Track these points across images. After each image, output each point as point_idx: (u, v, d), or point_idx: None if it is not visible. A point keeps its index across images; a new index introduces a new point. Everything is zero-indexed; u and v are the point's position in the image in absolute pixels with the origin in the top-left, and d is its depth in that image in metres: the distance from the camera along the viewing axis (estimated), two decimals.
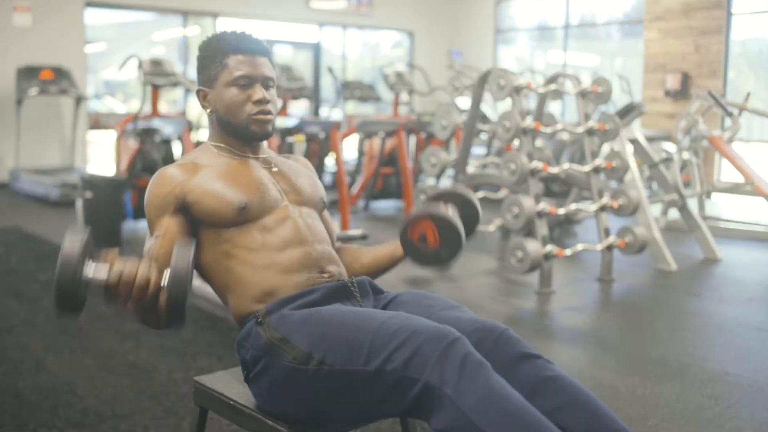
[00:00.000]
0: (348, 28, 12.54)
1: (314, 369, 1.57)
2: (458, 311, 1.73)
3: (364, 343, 1.54)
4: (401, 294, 1.84)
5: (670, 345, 3.69)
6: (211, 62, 1.84)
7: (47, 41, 9.32)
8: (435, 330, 1.51)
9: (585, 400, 1.55)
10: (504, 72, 4.72)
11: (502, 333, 1.63)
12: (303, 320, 1.64)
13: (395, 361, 1.49)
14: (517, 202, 4.46)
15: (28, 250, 5.56)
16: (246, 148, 1.89)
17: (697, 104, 7.08)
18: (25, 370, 3.12)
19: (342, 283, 1.79)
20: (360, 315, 1.62)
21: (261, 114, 1.83)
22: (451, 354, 1.46)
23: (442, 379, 1.44)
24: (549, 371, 1.59)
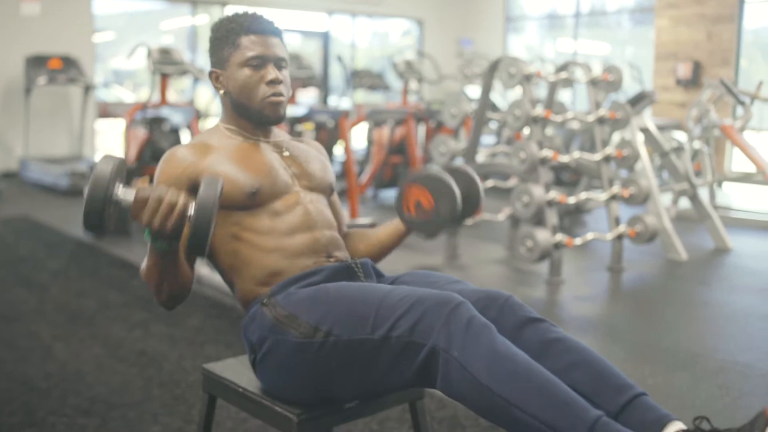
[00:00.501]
0: (357, 16, 12.50)
1: (321, 341, 1.58)
2: (461, 284, 1.75)
3: (369, 313, 1.55)
4: (404, 275, 1.85)
5: (680, 334, 3.67)
6: (223, 43, 1.83)
7: (55, 30, 9.31)
8: (439, 296, 1.52)
9: (591, 359, 1.57)
10: (514, 60, 4.69)
11: (506, 300, 1.65)
12: (309, 296, 1.65)
13: (401, 328, 1.51)
14: (527, 191, 4.44)
15: (37, 238, 5.57)
16: (258, 130, 1.87)
17: (709, 93, 7.02)
18: (35, 358, 3.12)
19: (346, 264, 1.80)
20: (365, 288, 1.64)
21: (274, 96, 1.81)
22: (455, 318, 1.48)
23: (448, 343, 1.46)
24: (553, 333, 1.61)
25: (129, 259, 4.86)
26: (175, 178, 1.74)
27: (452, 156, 5.08)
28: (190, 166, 1.75)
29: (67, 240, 5.51)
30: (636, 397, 1.52)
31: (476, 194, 2.00)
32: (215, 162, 1.76)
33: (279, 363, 1.64)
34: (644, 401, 1.52)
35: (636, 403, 1.51)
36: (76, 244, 5.37)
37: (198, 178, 1.73)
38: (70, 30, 9.48)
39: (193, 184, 1.73)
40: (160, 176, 1.76)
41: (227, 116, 1.88)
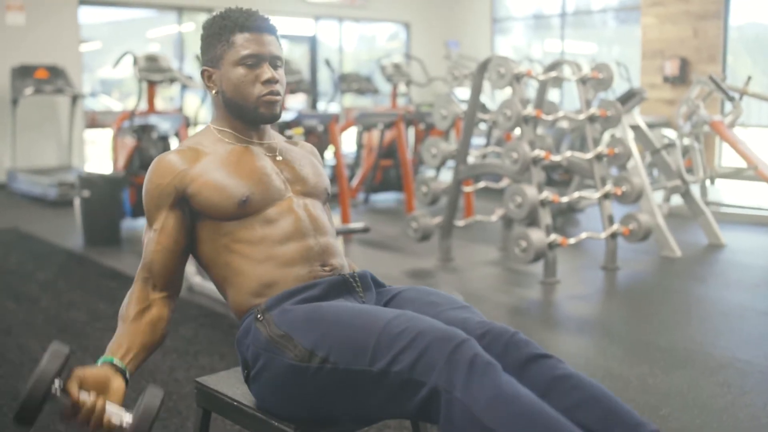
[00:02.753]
0: (344, 20, 12.47)
1: (317, 367, 1.52)
2: (466, 311, 1.66)
3: (369, 343, 1.48)
4: (405, 290, 1.78)
5: (677, 332, 3.64)
6: (216, 41, 1.77)
7: (42, 40, 9.25)
8: (442, 332, 1.45)
9: (600, 396, 1.49)
10: (504, 60, 4.66)
11: (512, 336, 1.57)
12: (305, 316, 1.58)
13: (401, 363, 1.44)
14: (520, 192, 4.41)
15: (26, 250, 5.51)
16: (251, 132, 1.81)
17: (698, 89, 7.01)
18: (25, 372, 3.07)
19: (343, 278, 1.73)
20: (364, 313, 1.56)
21: (270, 95, 1.75)
22: (458, 356, 1.40)
23: (451, 383, 1.38)
24: (561, 370, 1.52)
25: (119, 269, 4.81)
26: (163, 188, 1.69)
27: (444, 157, 5.05)
28: (179, 175, 1.69)
29: (56, 251, 5.45)
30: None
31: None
32: (205, 169, 1.71)
33: (273, 381, 1.58)
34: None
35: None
36: (65, 255, 5.31)
37: (186, 188, 1.69)
38: (57, 40, 9.42)
39: (180, 196, 1.69)
40: (148, 185, 1.71)
41: (219, 117, 1.82)
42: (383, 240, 5.73)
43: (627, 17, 11.87)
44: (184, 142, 1.81)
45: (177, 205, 1.70)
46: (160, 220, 1.69)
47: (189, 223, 1.72)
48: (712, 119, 6.77)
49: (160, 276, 1.71)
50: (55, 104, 9.42)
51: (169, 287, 1.73)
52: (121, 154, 6.54)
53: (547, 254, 4.46)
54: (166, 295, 1.73)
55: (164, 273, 1.71)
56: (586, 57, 12.35)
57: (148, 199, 1.71)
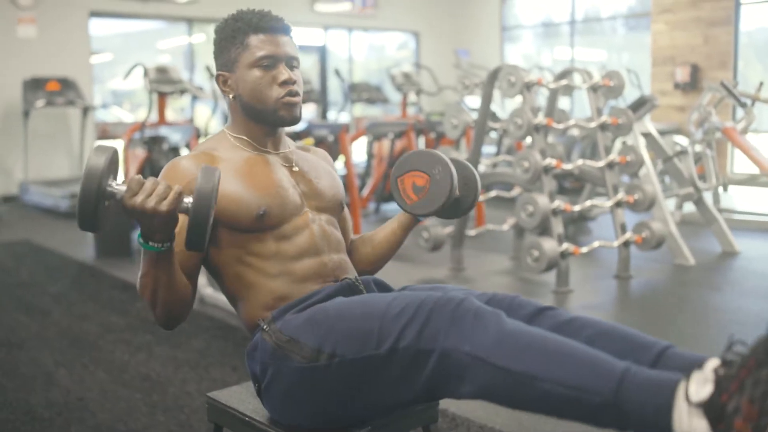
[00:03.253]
0: (353, 30, 12.48)
1: (325, 364, 1.51)
2: (466, 290, 1.67)
3: (373, 328, 1.48)
4: (408, 287, 1.78)
5: (695, 343, 3.61)
6: (230, 44, 1.74)
7: (53, 52, 9.30)
8: (440, 297, 1.46)
9: (610, 328, 1.52)
10: (514, 68, 4.65)
11: (513, 298, 1.61)
12: (308, 318, 1.57)
13: (407, 337, 1.44)
14: (532, 201, 4.38)
15: (38, 262, 5.52)
16: (268, 139, 1.78)
17: (710, 96, 6.97)
18: (37, 386, 3.06)
19: (347, 282, 1.72)
20: (364, 301, 1.56)
21: (288, 96, 1.72)
22: (461, 313, 1.41)
23: (458, 340, 1.39)
24: (567, 315, 1.55)
25: (130, 281, 4.81)
26: None
27: None
28: (193, 181, 1.63)
29: (68, 263, 5.46)
30: (665, 350, 1.46)
31: (471, 175, 1.88)
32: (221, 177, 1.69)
33: (284, 390, 1.57)
34: (674, 352, 1.46)
35: (667, 355, 1.45)
36: (77, 267, 5.32)
37: None
38: (68, 52, 9.47)
39: None
40: None
41: (236, 123, 1.78)
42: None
43: (636, 24, 11.85)
44: (198, 146, 1.78)
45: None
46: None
47: None
48: (724, 126, 6.73)
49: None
50: (66, 116, 9.46)
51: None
52: (131, 165, 6.56)
53: (560, 263, 4.44)
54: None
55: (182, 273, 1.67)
56: (596, 64, 12.33)
57: None
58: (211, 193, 1.39)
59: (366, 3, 12.21)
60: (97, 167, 1.34)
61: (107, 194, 1.38)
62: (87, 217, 1.35)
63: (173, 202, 1.40)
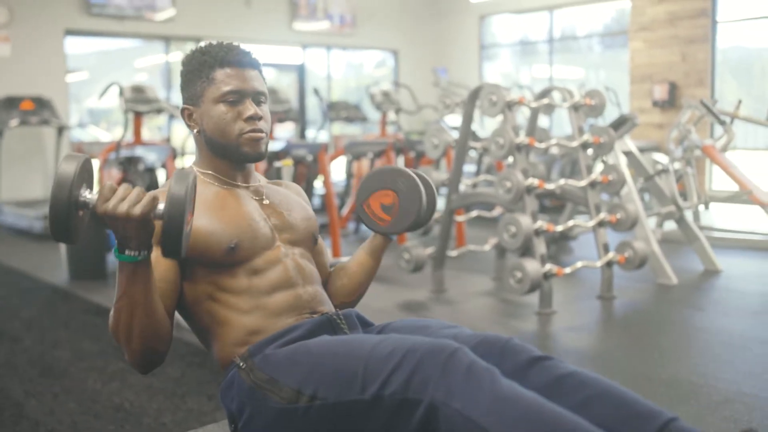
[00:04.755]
0: (332, 48, 12.45)
1: (306, 406, 1.43)
2: (456, 329, 1.60)
3: (357, 370, 1.40)
4: (392, 323, 1.70)
5: (678, 364, 3.55)
6: (196, 77, 1.68)
7: (27, 71, 9.18)
8: (432, 344, 1.37)
9: (609, 389, 1.43)
10: (496, 87, 4.60)
11: (506, 342, 1.51)
12: (288, 357, 1.49)
13: (394, 384, 1.36)
14: (514, 221, 4.33)
15: (10, 285, 5.39)
16: (236, 173, 1.72)
17: (689, 114, 6.98)
18: (5, 418, 2.94)
19: (327, 317, 1.64)
20: (349, 342, 1.48)
21: (252, 132, 1.65)
22: (453, 365, 1.33)
23: (448, 394, 1.31)
24: (562, 369, 1.46)
25: (104, 305, 4.69)
26: None
27: (436, 186, 4.96)
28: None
29: (41, 286, 5.33)
30: (668, 422, 1.36)
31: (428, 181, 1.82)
32: None
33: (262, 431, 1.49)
34: (678, 427, 1.36)
35: (669, 429, 1.36)
36: (50, 291, 5.19)
37: None
38: (42, 70, 9.36)
39: None
40: None
41: (202, 158, 1.73)
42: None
43: (612, 42, 11.92)
44: (166, 184, 1.72)
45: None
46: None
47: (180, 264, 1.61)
48: (703, 143, 6.72)
49: None
50: (41, 135, 9.33)
51: None
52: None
53: (543, 284, 4.38)
54: None
55: None
56: (574, 82, 12.37)
57: None
58: (185, 196, 1.33)
59: (344, 21, 12.19)
60: (68, 174, 1.28)
61: (79, 203, 1.32)
62: (60, 227, 1.29)
63: (147, 205, 1.33)
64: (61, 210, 1.27)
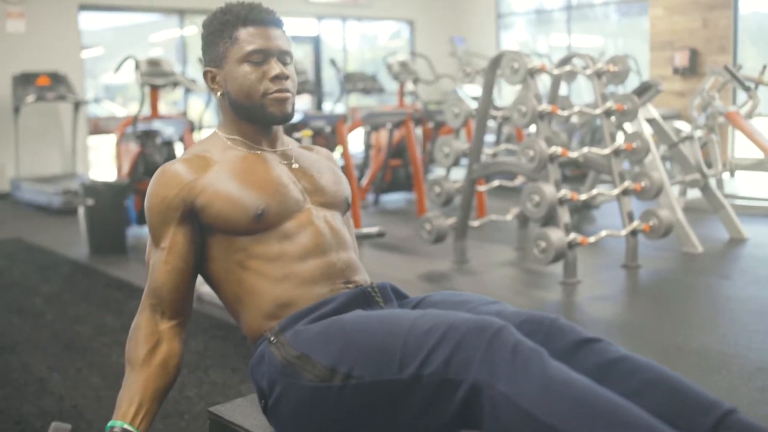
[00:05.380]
0: (347, 20, 12.32)
1: (340, 385, 1.37)
2: (498, 305, 1.52)
3: (395, 348, 1.33)
4: (430, 295, 1.63)
5: (708, 334, 3.49)
6: (218, 38, 1.61)
7: (43, 47, 9.13)
8: (475, 321, 1.30)
9: (663, 377, 1.33)
10: (518, 55, 4.51)
11: (553, 322, 1.43)
12: (322, 332, 1.43)
13: (434, 363, 1.29)
14: (538, 190, 4.26)
15: (30, 261, 5.38)
16: (262, 137, 1.65)
17: (712, 80, 6.85)
18: (29, 393, 2.93)
19: (361, 289, 1.58)
20: (386, 317, 1.42)
21: (278, 92, 1.58)
22: (498, 345, 1.25)
23: (492, 375, 1.23)
24: (614, 353, 1.37)
25: (125, 279, 4.68)
26: (169, 201, 1.53)
27: (457, 156, 4.90)
28: (185, 188, 1.53)
29: (61, 261, 5.32)
30: (726, 414, 1.28)
31: None
32: (215, 179, 1.55)
33: (293, 409, 1.43)
34: (737, 419, 1.27)
35: (728, 422, 1.27)
36: (70, 266, 5.18)
37: (195, 200, 1.52)
38: (58, 46, 9.30)
39: (188, 209, 1.53)
40: (153, 199, 1.55)
41: (227, 122, 1.66)
42: (395, 242, 5.58)
43: (629, 10, 11.72)
44: (190, 149, 1.65)
45: (186, 220, 1.54)
46: (167, 237, 1.53)
47: (199, 239, 1.56)
48: (727, 110, 6.61)
49: (171, 301, 1.55)
50: (57, 111, 9.29)
51: (179, 313, 1.57)
52: (124, 160, 6.41)
53: (567, 254, 4.31)
54: (176, 323, 1.57)
55: (175, 297, 1.55)
56: (593, 50, 12.19)
57: (153, 214, 1.54)
58: None
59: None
60: None
61: None
62: None
63: None
64: None
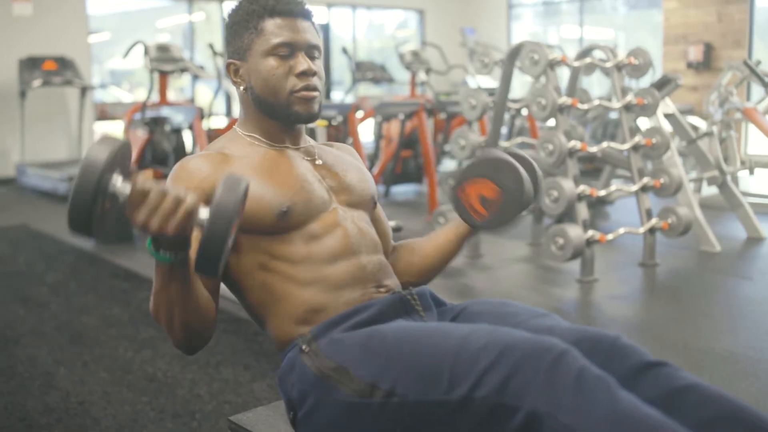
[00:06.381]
0: (357, 8, 12.20)
1: (381, 402, 1.27)
2: (549, 319, 1.42)
3: (443, 366, 1.23)
4: (470, 304, 1.53)
5: (733, 336, 3.39)
6: (243, 29, 1.50)
7: (49, 31, 9.02)
8: (534, 342, 1.20)
9: (737, 410, 1.22)
10: (537, 45, 4.40)
11: (614, 342, 1.32)
12: (361, 343, 1.33)
13: (487, 386, 1.19)
14: (557, 186, 4.15)
15: (35, 249, 5.29)
16: (285, 135, 1.55)
17: (730, 75, 6.73)
18: (34, 388, 2.84)
19: (399, 296, 1.48)
20: (433, 331, 1.31)
21: (305, 90, 1.49)
22: (560, 370, 1.15)
23: (554, 404, 1.13)
24: (681, 380, 1.26)
25: (133, 269, 4.59)
26: None
27: (473, 149, 4.79)
28: (205, 180, 1.43)
29: (66, 249, 5.23)
30: None
31: (533, 172, 1.61)
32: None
33: (326, 424, 1.34)
34: None
35: None
36: (76, 254, 5.09)
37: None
38: (65, 31, 9.20)
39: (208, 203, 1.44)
40: None
41: (249, 118, 1.56)
42: (407, 236, 5.43)
43: (637, 2, 11.59)
44: (209, 146, 1.55)
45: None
46: None
47: None
48: (744, 106, 6.49)
49: None
50: (64, 96, 9.20)
51: None
52: (133, 147, 6.30)
53: (585, 251, 4.21)
54: None
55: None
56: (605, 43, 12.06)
57: None
58: (233, 209, 1.13)
59: None
60: (98, 161, 1.09)
61: (107, 195, 1.13)
62: (81, 217, 1.09)
63: (182, 221, 1.14)
64: (85, 202, 1.08)
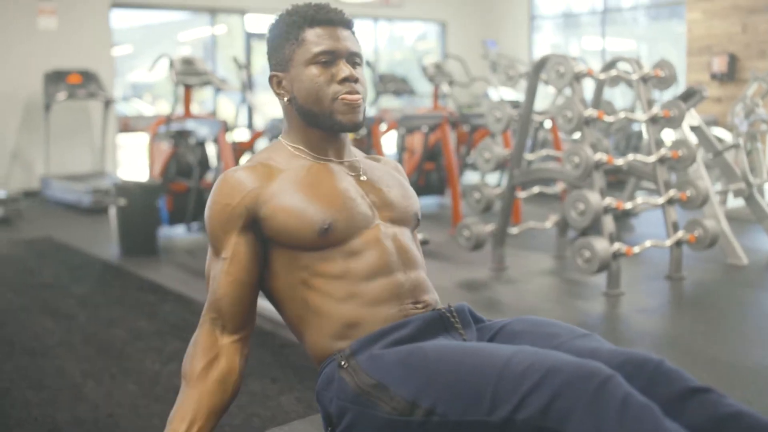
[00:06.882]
0: (379, 20, 12.23)
1: (421, 420, 1.27)
2: (592, 340, 1.40)
3: (485, 387, 1.23)
4: (510, 323, 1.51)
5: (763, 350, 3.35)
6: (284, 40, 1.52)
7: (74, 44, 9.12)
8: (578, 366, 1.19)
9: None
10: (563, 58, 4.39)
11: (658, 366, 1.30)
12: (402, 361, 1.33)
13: (529, 408, 1.18)
14: (583, 198, 4.13)
15: (61, 261, 5.33)
16: (329, 146, 1.56)
17: (755, 86, 6.68)
18: (64, 400, 2.85)
19: (439, 313, 1.48)
20: (476, 350, 1.31)
21: (349, 94, 1.49)
22: (605, 397, 1.14)
23: (597, 431, 1.13)
24: (727, 407, 1.24)
25: (157, 282, 4.61)
26: (231, 209, 1.45)
27: (498, 162, 4.78)
28: (249, 194, 1.44)
29: (92, 262, 5.26)
30: None
31: None
32: (280, 190, 1.46)
33: None
34: None
35: None
36: (101, 266, 5.12)
37: (258, 210, 1.44)
38: (88, 44, 9.29)
39: (251, 218, 1.44)
40: (215, 207, 1.46)
41: (293, 129, 1.57)
42: (431, 248, 5.45)
43: (658, 14, 11.53)
44: (254, 157, 1.56)
45: (248, 229, 1.45)
46: (229, 247, 1.45)
47: (262, 250, 1.48)
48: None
49: (232, 315, 1.47)
50: (87, 109, 9.27)
51: (241, 328, 1.49)
52: (157, 160, 6.34)
53: (611, 264, 4.18)
54: (237, 338, 1.49)
55: (237, 310, 1.47)
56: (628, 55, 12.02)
57: (215, 222, 1.46)
58: None
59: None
60: None
61: None
62: None
63: None
64: None
